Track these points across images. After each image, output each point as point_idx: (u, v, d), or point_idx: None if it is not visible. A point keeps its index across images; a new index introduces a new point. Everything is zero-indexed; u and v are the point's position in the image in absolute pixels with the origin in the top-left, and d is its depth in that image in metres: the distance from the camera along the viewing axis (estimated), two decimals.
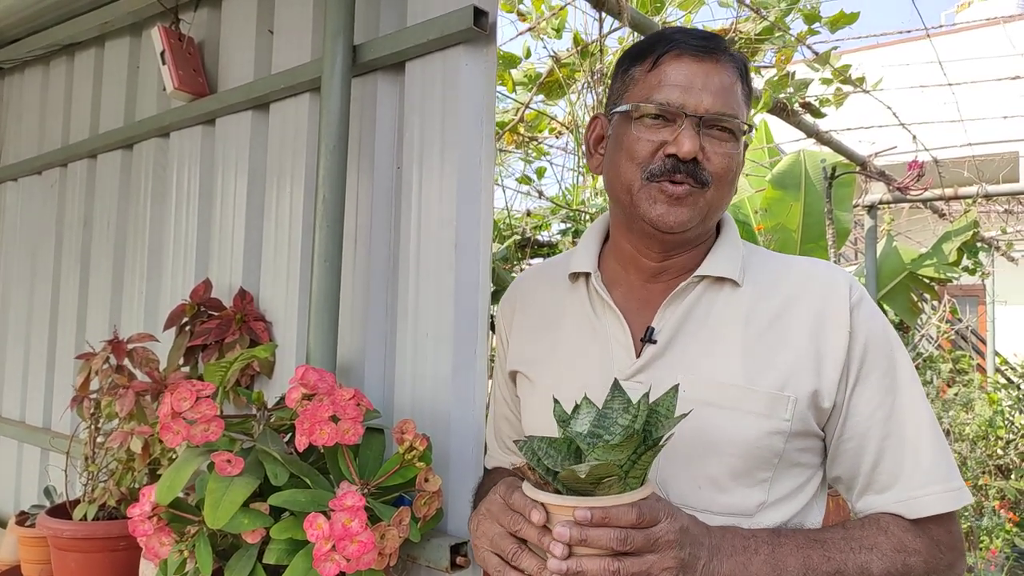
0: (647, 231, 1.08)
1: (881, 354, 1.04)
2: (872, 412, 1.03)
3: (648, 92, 1.05)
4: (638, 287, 1.14)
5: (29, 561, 1.63)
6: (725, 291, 1.09)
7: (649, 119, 1.05)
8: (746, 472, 1.01)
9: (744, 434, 1.00)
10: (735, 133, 1.05)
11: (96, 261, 2.12)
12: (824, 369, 1.02)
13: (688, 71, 1.04)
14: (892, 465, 1.02)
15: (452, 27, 1.25)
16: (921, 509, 1.00)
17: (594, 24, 2.74)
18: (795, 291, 1.07)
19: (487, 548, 0.95)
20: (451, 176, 1.27)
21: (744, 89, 1.09)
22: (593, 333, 1.14)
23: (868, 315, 1.05)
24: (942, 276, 4.99)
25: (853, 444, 1.04)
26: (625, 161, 1.07)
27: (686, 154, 1.01)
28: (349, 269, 1.42)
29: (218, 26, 1.82)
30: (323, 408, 1.04)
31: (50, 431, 2.18)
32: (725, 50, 1.07)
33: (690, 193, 1.03)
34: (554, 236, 3.54)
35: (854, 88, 3.41)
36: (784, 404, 1.01)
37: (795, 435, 1.02)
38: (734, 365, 1.03)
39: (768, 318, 1.06)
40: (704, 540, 0.91)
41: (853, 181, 4.32)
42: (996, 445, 5.50)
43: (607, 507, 0.84)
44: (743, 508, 1.02)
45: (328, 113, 1.33)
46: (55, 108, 2.35)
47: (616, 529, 0.84)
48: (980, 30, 8.01)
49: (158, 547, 1.06)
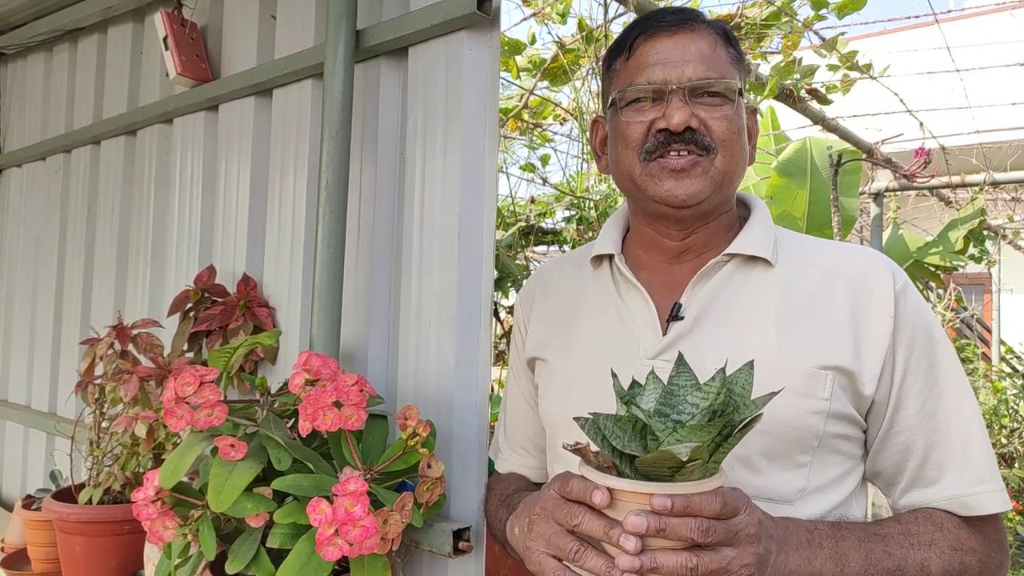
0: (661, 211, 1.05)
1: (928, 345, 1.01)
2: (922, 405, 0.99)
3: (630, 78, 1.05)
4: (663, 269, 1.11)
5: (35, 544, 1.64)
6: (757, 271, 1.05)
7: (636, 103, 1.04)
8: (782, 454, 0.97)
9: (781, 412, 0.94)
10: (727, 96, 1.02)
11: (100, 247, 2.13)
12: (865, 353, 0.98)
13: (663, 47, 1.03)
14: (941, 460, 0.99)
15: (455, 12, 1.24)
16: (977, 507, 0.97)
17: (599, 9, 2.73)
18: (832, 272, 1.03)
19: (543, 550, 0.86)
20: (455, 162, 1.27)
21: (730, 52, 1.06)
22: (618, 314, 1.11)
23: (914, 304, 1.01)
24: (948, 264, 4.96)
25: (903, 438, 1.00)
26: (621, 149, 1.06)
27: (677, 125, 0.99)
28: (352, 255, 1.42)
29: (221, 11, 1.81)
30: (326, 394, 1.05)
31: (55, 416, 2.19)
32: (699, 19, 1.06)
33: (696, 163, 1.01)
34: (558, 223, 3.53)
35: (861, 74, 3.38)
36: (822, 381, 0.97)
37: (834, 416, 0.98)
38: (768, 342, 0.99)
39: (803, 297, 1.02)
40: (774, 534, 0.86)
41: (859, 168, 4.29)
42: (1000, 434, 5.50)
43: (690, 494, 0.76)
44: (782, 494, 0.98)
45: (331, 99, 1.32)
46: (58, 94, 2.35)
47: (698, 519, 0.77)
48: (989, 16, 7.93)
49: (162, 531, 1.07)
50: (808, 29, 3.01)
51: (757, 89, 2.97)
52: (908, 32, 7.21)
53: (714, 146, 1.01)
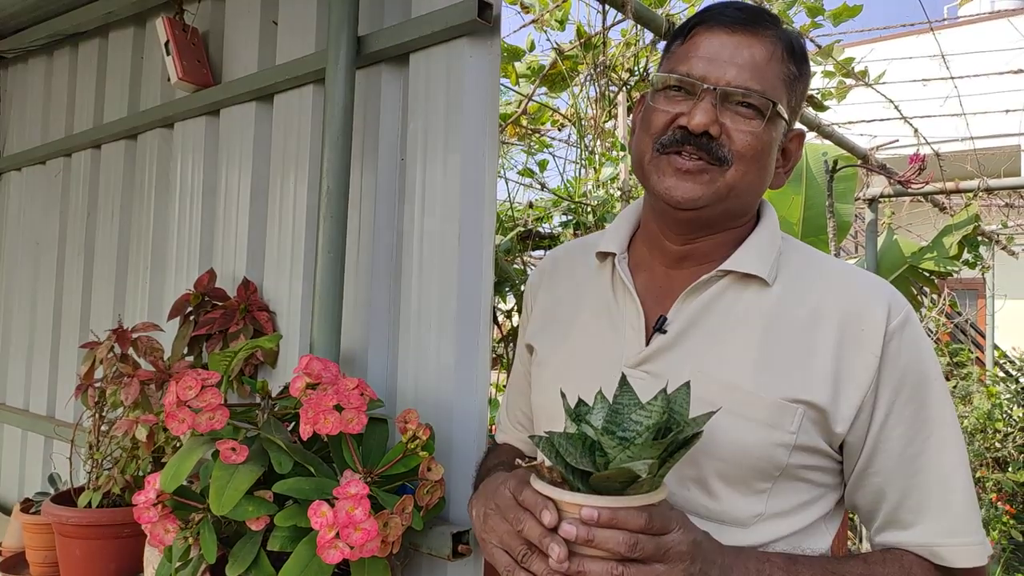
0: (660, 207, 1.02)
1: (920, 386, 0.96)
2: (902, 449, 0.96)
3: (675, 64, 1.00)
4: (661, 274, 1.09)
5: (34, 547, 1.64)
6: (751, 289, 1.01)
7: (671, 91, 0.99)
8: (740, 480, 0.96)
9: (743, 441, 0.94)
10: (761, 110, 0.96)
11: (100, 251, 2.13)
12: (842, 392, 0.95)
13: (717, 43, 0.97)
14: (918, 505, 0.96)
15: (456, 19, 1.25)
16: (949, 559, 0.94)
17: (597, 16, 2.74)
18: (827, 302, 0.98)
19: (496, 545, 0.90)
20: (455, 168, 1.28)
21: (788, 69, 1.00)
22: (610, 318, 1.09)
23: (908, 344, 0.96)
24: (942, 270, 4.98)
25: (879, 479, 0.97)
26: (642, 133, 1.03)
27: (695, 127, 0.95)
28: (353, 260, 1.43)
29: (222, 17, 1.82)
30: (327, 397, 1.05)
31: (54, 420, 2.19)
32: (769, 24, 0.99)
33: (704, 170, 0.97)
34: (556, 228, 3.54)
35: (856, 81, 3.41)
36: (791, 415, 0.94)
37: (800, 449, 0.95)
38: (744, 368, 0.96)
39: (792, 326, 0.98)
40: (716, 559, 0.86)
41: (854, 174, 4.31)
42: (994, 438, 5.52)
43: (616, 508, 0.79)
44: (735, 518, 0.96)
45: (332, 104, 1.33)
46: (59, 98, 2.35)
47: (625, 532, 0.79)
48: (983, 24, 7.98)
49: (163, 534, 1.07)
50: (804, 36, 3.03)
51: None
52: (903, 39, 7.25)
53: (729, 159, 0.97)
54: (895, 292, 1.01)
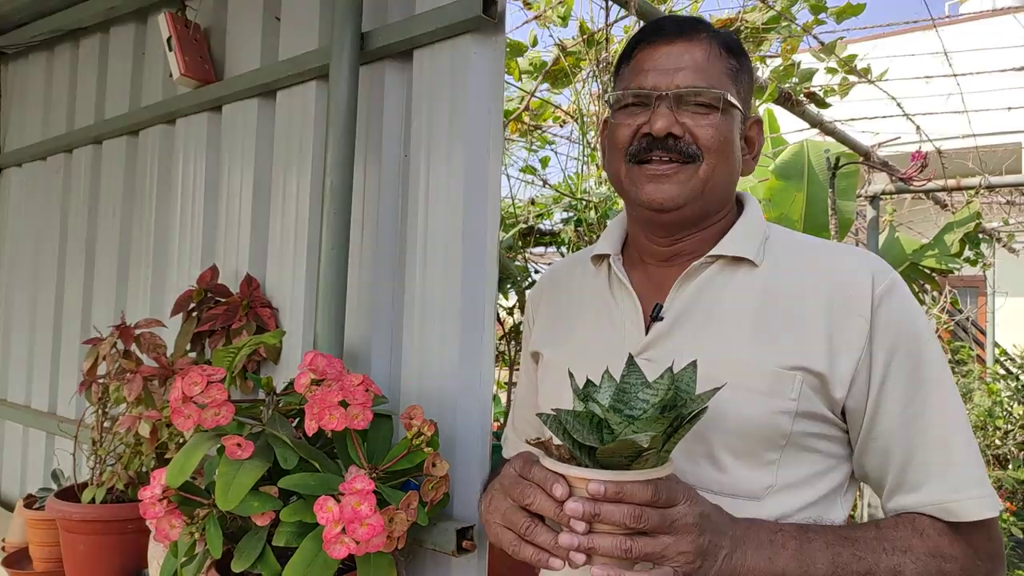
0: (645, 215, 1.08)
1: (913, 348, 1.00)
2: (902, 410, 0.99)
3: (626, 83, 1.09)
4: (654, 271, 1.14)
5: (36, 543, 1.65)
6: (741, 271, 1.06)
7: (629, 108, 1.07)
8: (748, 451, 0.98)
9: (746, 412, 0.97)
10: (714, 105, 1.03)
11: (102, 247, 2.13)
12: (837, 358, 0.98)
13: (659, 54, 1.06)
14: (923, 464, 0.98)
15: (461, 15, 1.25)
16: (960, 513, 0.96)
17: (600, 13, 2.74)
18: (815, 274, 1.04)
19: (499, 523, 0.93)
20: (459, 165, 1.28)
21: (729, 64, 1.07)
22: (610, 315, 1.14)
23: (897, 308, 1.00)
24: (943, 267, 4.98)
25: (882, 442, 1.00)
26: (611, 150, 1.11)
27: (658, 131, 1.02)
28: (356, 256, 1.43)
29: (225, 12, 1.81)
30: (332, 393, 1.05)
31: (56, 416, 2.19)
32: (701, 29, 1.07)
33: (678, 171, 1.03)
34: (557, 225, 3.54)
35: (859, 78, 3.40)
36: (789, 382, 0.97)
37: (803, 416, 0.98)
38: (741, 343, 1.01)
39: (783, 299, 1.03)
40: (727, 530, 0.88)
41: (856, 171, 4.31)
42: (995, 435, 5.53)
43: (621, 482, 0.82)
44: (748, 491, 0.99)
45: (336, 101, 1.33)
46: (60, 94, 2.35)
47: (630, 506, 0.82)
48: (985, 21, 7.97)
49: (168, 529, 1.07)
50: (807, 33, 3.03)
51: (757, 93, 2.99)
52: (905, 36, 7.24)
53: (699, 154, 1.03)
54: (880, 261, 1.06)
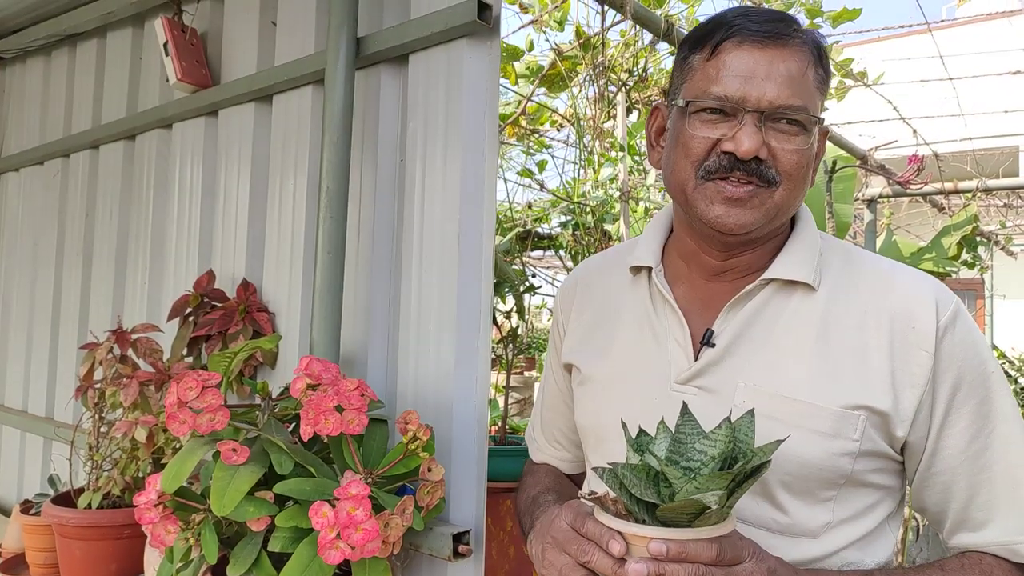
0: (707, 232, 1.00)
1: (977, 383, 0.94)
2: (966, 446, 0.94)
3: (706, 84, 0.96)
4: (700, 285, 1.06)
5: (33, 549, 1.64)
6: (797, 296, 0.99)
7: (706, 113, 0.96)
8: (806, 491, 0.94)
9: (807, 454, 0.92)
10: (805, 126, 0.95)
11: (99, 251, 2.13)
12: (900, 394, 0.93)
13: (750, 59, 0.93)
14: (988, 502, 0.94)
15: (456, 20, 1.25)
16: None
17: (596, 17, 2.75)
18: (875, 302, 0.97)
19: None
20: (455, 169, 1.28)
21: (819, 74, 0.97)
22: (652, 332, 1.07)
23: (961, 339, 0.94)
24: (941, 270, 4.98)
25: (944, 479, 0.95)
26: (680, 159, 0.99)
27: (745, 153, 0.92)
28: (352, 261, 1.43)
29: (221, 17, 1.82)
30: (328, 398, 1.05)
31: (53, 420, 2.19)
32: (794, 32, 0.96)
33: (754, 194, 0.94)
34: (554, 229, 3.55)
35: (855, 82, 3.41)
36: (853, 422, 0.92)
37: (864, 455, 0.94)
38: (800, 378, 0.94)
39: (843, 329, 0.96)
40: None
41: (854, 175, 4.32)
42: None
43: (685, 540, 0.78)
44: (806, 529, 0.95)
45: (332, 105, 1.33)
46: (57, 98, 2.35)
47: (696, 565, 0.77)
48: (981, 24, 8.00)
49: (164, 534, 1.07)
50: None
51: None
52: (902, 40, 7.26)
53: (778, 179, 0.94)
54: (940, 286, 0.99)
